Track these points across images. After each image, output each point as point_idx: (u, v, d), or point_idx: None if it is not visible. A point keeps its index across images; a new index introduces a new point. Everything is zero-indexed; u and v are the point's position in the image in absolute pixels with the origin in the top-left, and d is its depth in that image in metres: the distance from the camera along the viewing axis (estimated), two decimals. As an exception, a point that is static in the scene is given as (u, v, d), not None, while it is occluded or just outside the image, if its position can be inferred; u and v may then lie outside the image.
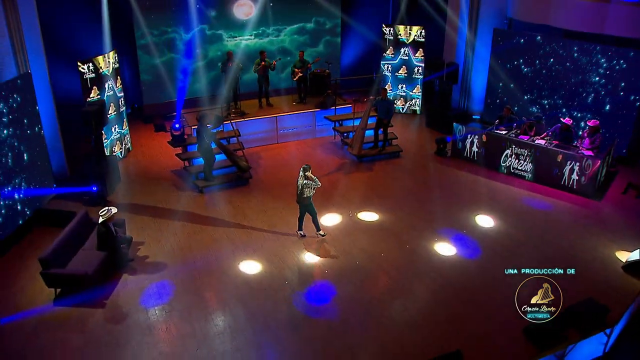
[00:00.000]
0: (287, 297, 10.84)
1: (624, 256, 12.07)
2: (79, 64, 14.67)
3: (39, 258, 10.52)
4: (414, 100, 20.85)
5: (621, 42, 15.86)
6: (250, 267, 11.80)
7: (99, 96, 15.16)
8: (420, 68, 20.36)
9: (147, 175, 15.81)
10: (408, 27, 19.96)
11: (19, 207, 12.55)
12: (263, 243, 12.62)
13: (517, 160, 15.48)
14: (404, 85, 20.72)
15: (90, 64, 14.95)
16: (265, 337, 9.84)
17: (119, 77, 16.47)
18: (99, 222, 11.23)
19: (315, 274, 11.63)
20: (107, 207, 11.43)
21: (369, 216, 13.77)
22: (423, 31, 19.88)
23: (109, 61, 15.66)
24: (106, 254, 11.23)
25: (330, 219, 13.54)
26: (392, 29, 20.17)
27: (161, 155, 16.96)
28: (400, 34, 20.08)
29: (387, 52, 20.54)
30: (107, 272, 11.32)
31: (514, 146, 15.44)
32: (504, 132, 15.75)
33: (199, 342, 9.68)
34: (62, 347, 9.60)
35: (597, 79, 16.34)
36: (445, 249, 12.47)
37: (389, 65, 20.69)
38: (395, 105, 19.91)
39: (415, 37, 20.01)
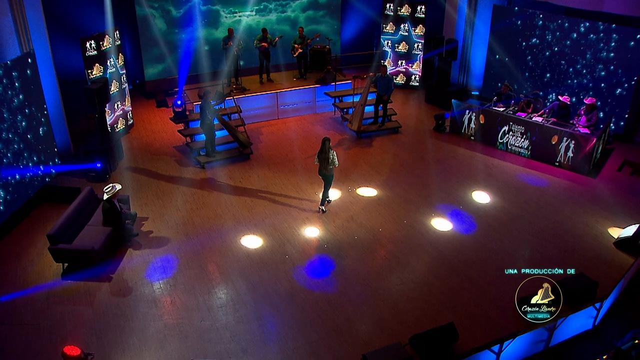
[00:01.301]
0: (288, 271, 11.17)
1: (616, 232, 12.34)
2: (82, 41, 14.84)
3: (47, 234, 10.85)
4: (413, 76, 21.00)
5: (620, 20, 15.93)
6: (252, 241, 12.12)
7: (101, 73, 15.33)
8: (420, 44, 20.47)
9: (149, 151, 16.06)
10: (407, 5, 20.03)
11: (25, 183, 12.83)
12: (264, 218, 12.92)
13: (514, 137, 15.68)
14: (404, 61, 20.84)
15: (93, 41, 15.09)
16: (266, 310, 10.18)
17: (120, 54, 16.60)
18: (104, 198, 11.50)
19: (314, 248, 11.95)
20: (111, 184, 11.68)
21: (367, 192, 14.04)
22: (423, 7, 19.93)
23: (110, 38, 15.77)
24: (111, 229, 11.54)
25: (329, 195, 13.77)
26: (392, 4, 20.22)
27: (163, 132, 17.19)
28: (400, 11, 20.16)
29: (388, 28, 20.61)
30: (113, 247, 11.67)
31: (511, 123, 15.63)
32: (502, 109, 15.92)
33: (202, 314, 10.04)
34: (72, 318, 9.95)
35: (595, 56, 16.45)
36: (441, 224, 12.77)
37: (389, 41, 20.79)
38: (395, 81, 20.03)
39: (416, 14, 20.09)
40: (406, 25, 20.32)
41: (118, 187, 11.73)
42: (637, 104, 16.19)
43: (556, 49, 17.30)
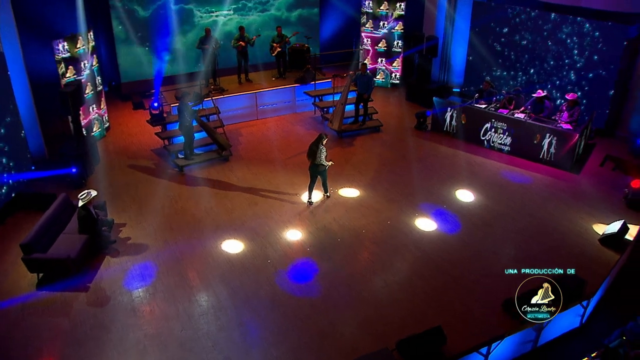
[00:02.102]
0: (270, 276, 10.93)
1: (601, 229, 12.29)
2: (54, 43, 14.45)
3: (20, 244, 10.47)
4: (393, 74, 20.86)
5: (599, 15, 15.89)
6: (233, 246, 11.86)
7: (75, 76, 14.95)
8: (399, 42, 20.32)
9: (126, 154, 15.70)
10: (386, 2, 19.88)
11: (-3, 191, 12.46)
12: (245, 222, 12.66)
13: (496, 134, 15.58)
14: (384, 59, 20.69)
15: (66, 43, 14.71)
16: (248, 317, 9.93)
17: (95, 56, 16.22)
18: (79, 205, 11.17)
19: (297, 251, 11.72)
20: (86, 190, 11.36)
21: (350, 192, 13.84)
22: (403, 4, 19.78)
23: (84, 39, 15.39)
24: (88, 237, 11.21)
25: (312, 196, 13.57)
26: (371, 1, 20.04)
27: (140, 134, 16.83)
28: (379, 8, 20.00)
29: (367, 25, 20.43)
30: (90, 255, 11.32)
31: (493, 120, 15.53)
32: (483, 106, 15.82)
33: (183, 323, 9.77)
34: (48, 330, 9.62)
35: (575, 51, 16.42)
36: (425, 224, 12.61)
37: (368, 39, 20.60)
38: (375, 79, 19.85)
39: (395, 11, 19.93)
40: (385, 22, 20.15)
41: (93, 193, 11.41)
42: (618, 99, 16.18)
43: (537, 44, 17.24)
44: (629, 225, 12.00)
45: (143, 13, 18.62)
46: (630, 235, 11.97)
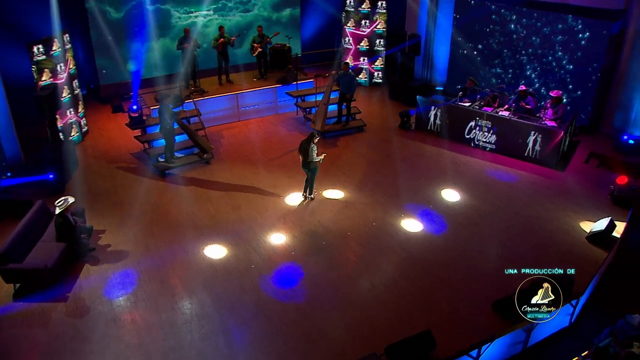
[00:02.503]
0: (254, 281, 10.70)
1: (587, 226, 12.24)
2: (29, 45, 14.10)
3: (-5, 254, 10.15)
4: (376, 73, 20.71)
5: (582, 11, 15.85)
6: (216, 251, 11.61)
7: (51, 79, 14.60)
8: (382, 40, 20.17)
9: (105, 159, 15.35)
10: (368, 0, 19.72)
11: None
12: (228, 226, 12.41)
13: (481, 132, 15.47)
14: (366, 58, 20.53)
15: (41, 46, 14.36)
16: (233, 324, 9.70)
17: (71, 58, 15.86)
18: (56, 212, 10.86)
19: (282, 255, 11.49)
20: (63, 197, 11.05)
21: (334, 194, 13.64)
22: (384, 2, 19.62)
23: (59, 42, 15.03)
24: (66, 245, 10.89)
25: (295, 199, 13.39)
26: (352, 0, 19.89)
27: (119, 138, 16.49)
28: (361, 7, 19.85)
29: (349, 24, 20.26)
30: (68, 264, 11.00)
31: (477, 118, 15.41)
32: (467, 104, 15.70)
33: (166, 332, 9.50)
34: (26, 343, 9.32)
35: (559, 48, 16.35)
36: (411, 224, 12.46)
37: (350, 38, 20.43)
38: (357, 79, 19.67)
39: (377, 9, 19.78)
40: (367, 21, 19.98)
41: (71, 199, 11.10)
42: (602, 95, 16.16)
43: (520, 42, 17.17)
44: (615, 222, 11.93)
45: (116, 14, 18.18)
46: (617, 233, 11.91)
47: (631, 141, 15.47)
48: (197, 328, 9.60)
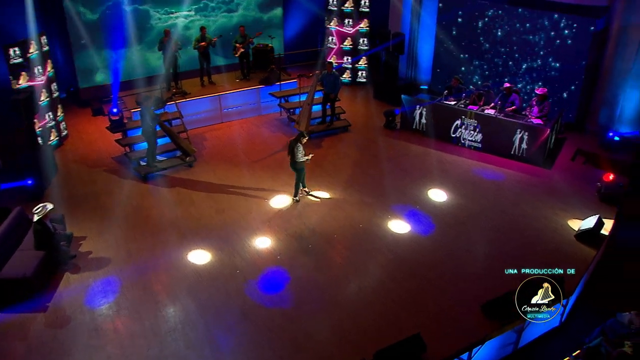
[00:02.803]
0: (240, 287, 10.48)
1: (576, 224, 12.16)
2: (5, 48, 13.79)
3: (-30, 264, 9.84)
4: (360, 72, 20.55)
5: (566, 8, 15.79)
6: (200, 256, 11.36)
7: (28, 82, 14.26)
8: (365, 39, 20.01)
9: (86, 163, 15.02)
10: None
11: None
12: (212, 230, 12.16)
13: (467, 131, 15.35)
14: (349, 57, 20.37)
15: (17, 48, 14.03)
16: (218, 331, 9.47)
17: (49, 61, 15.52)
18: (34, 220, 10.55)
19: (267, 260, 11.27)
20: (42, 204, 10.75)
21: (320, 195, 13.44)
22: (367, 1, 19.45)
23: (37, 44, 14.69)
24: (45, 253, 10.58)
25: (279, 201, 13.18)
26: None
27: (100, 141, 16.15)
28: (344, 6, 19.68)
29: (332, 23, 20.08)
30: (48, 272, 10.68)
31: (463, 117, 15.28)
32: (452, 103, 15.58)
33: (149, 341, 9.25)
34: (3, 357, 9.02)
35: (543, 45, 16.26)
36: (398, 226, 12.30)
37: (334, 37, 20.25)
38: (341, 78, 19.48)
39: (360, 8, 19.62)
40: (350, 20, 19.82)
41: (49, 206, 10.81)
42: (587, 92, 16.11)
43: (504, 39, 17.06)
44: (603, 219, 11.85)
45: (91, 16, 17.77)
46: (605, 230, 11.84)
47: (617, 138, 15.43)
48: (182, 336, 9.36)
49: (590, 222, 11.78)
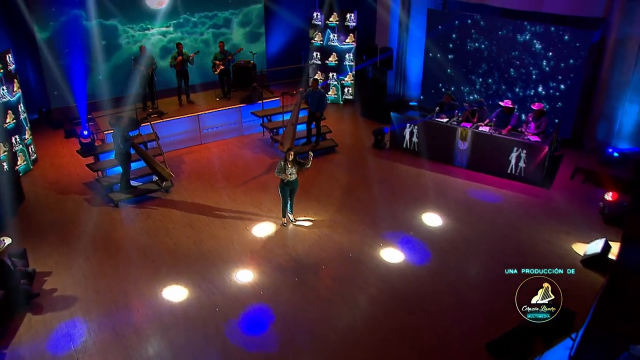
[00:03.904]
0: (219, 327, 9.53)
1: (581, 249, 11.40)
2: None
3: None
4: (347, 89, 19.80)
5: (560, 20, 15.17)
6: (176, 293, 10.40)
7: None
8: (351, 54, 19.28)
9: (55, 190, 14.06)
10: (335, 13, 18.85)
11: None
12: (189, 263, 11.22)
13: (460, 150, 14.59)
14: (335, 74, 19.60)
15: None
16: (195, 381, 8.53)
17: (16, 80, 14.57)
18: (-9, 257, 9.59)
19: (249, 296, 10.33)
20: (-1, 239, 9.80)
21: (305, 223, 12.57)
22: (353, 15, 18.75)
23: (1, 63, 13.78)
24: (3, 293, 9.59)
25: (262, 229, 12.29)
26: (320, 13, 18.96)
27: (72, 166, 15.20)
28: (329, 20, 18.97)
29: (316, 38, 19.34)
30: (6, 315, 9.68)
31: (456, 134, 14.54)
32: (445, 120, 14.82)
33: (117, 394, 8.30)
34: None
35: (538, 59, 15.58)
36: (391, 254, 11.44)
37: (318, 53, 19.50)
38: (327, 96, 18.71)
39: (346, 22, 18.91)
40: (336, 35, 19.10)
41: (7, 241, 9.85)
42: (584, 107, 15.44)
43: (496, 53, 16.37)
44: (610, 243, 11.09)
45: (43, 34, 16.66)
46: (613, 254, 11.05)
47: (616, 154, 14.75)
48: (154, 387, 8.41)
49: (596, 246, 11.04)
